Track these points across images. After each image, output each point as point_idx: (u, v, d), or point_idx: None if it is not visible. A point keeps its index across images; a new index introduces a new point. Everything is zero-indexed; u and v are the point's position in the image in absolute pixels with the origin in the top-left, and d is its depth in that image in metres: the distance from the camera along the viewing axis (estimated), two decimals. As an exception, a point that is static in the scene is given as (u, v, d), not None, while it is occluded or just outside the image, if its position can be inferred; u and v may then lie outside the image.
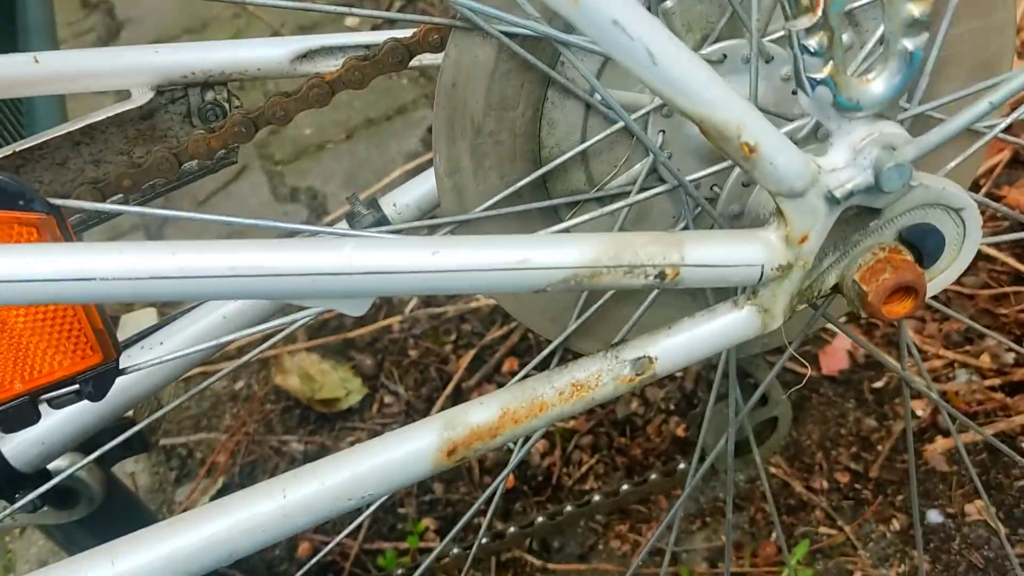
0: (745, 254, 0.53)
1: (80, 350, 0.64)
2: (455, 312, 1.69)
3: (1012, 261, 1.47)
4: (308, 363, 1.64)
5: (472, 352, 1.63)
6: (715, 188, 0.72)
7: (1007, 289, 1.45)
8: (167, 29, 2.49)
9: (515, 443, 1.43)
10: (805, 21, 0.48)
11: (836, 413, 1.43)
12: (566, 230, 0.78)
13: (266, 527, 0.62)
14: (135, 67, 0.73)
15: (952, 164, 0.65)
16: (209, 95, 0.76)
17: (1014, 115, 0.65)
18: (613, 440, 1.47)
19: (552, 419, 0.59)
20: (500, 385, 1.61)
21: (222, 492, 1.54)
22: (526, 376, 0.64)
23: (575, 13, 0.46)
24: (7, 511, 0.77)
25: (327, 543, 1.45)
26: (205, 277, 0.50)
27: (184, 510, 1.54)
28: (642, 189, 0.77)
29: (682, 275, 0.53)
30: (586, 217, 0.71)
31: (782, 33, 0.74)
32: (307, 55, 0.76)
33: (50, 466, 0.86)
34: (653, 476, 0.98)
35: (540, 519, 0.99)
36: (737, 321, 0.57)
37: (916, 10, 0.48)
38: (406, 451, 0.60)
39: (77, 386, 0.65)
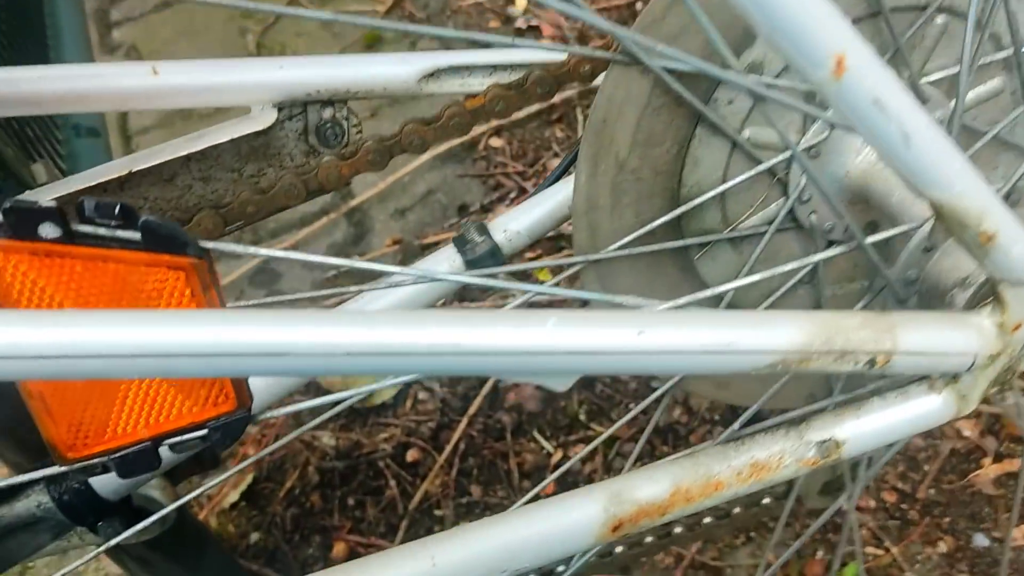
0: (959, 342, 0.51)
1: (214, 397, 0.60)
2: (490, 305, 1.66)
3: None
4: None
5: (510, 350, 1.59)
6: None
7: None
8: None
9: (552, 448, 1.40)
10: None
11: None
12: (695, 269, 0.75)
13: (410, 594, 0.58)
14: (258, 83, 0.68)
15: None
16: (327, 112, 0.72)
17: None
18: (655, 448, 1.45)
19: (725, 499, 0.56)
20: (539, 387, 1.58)
21: (252, 487, 1.50)
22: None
23: (834, 87, 0.42)
24: (104, 547, 0.73)
25: (363, 544, 1.44)
26: (405, 354, 0.46)
27: (214, 505, 1.50)
28: (777, 231, 0.74)
29: (893, 362, 0.50)
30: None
31: (942, 75, 0.71)
32: (435, 74, 0.71)
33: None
34: (736, 510, 0.95)
35: (619, 549, 0.96)
36: (933, 407, 0.54)
37: None
38: (568, 522, 0.57)
39: (205, 432, 0.61)
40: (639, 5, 2.09)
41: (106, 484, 0.77)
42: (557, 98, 1.96)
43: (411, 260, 1.75)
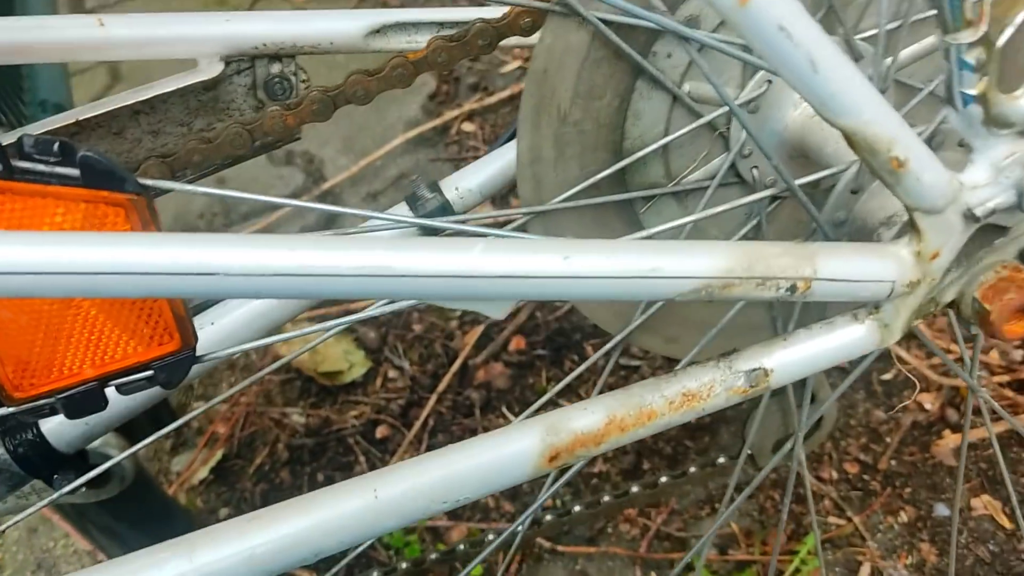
0: (877, 269, 0.52)
1: (158, 336, 0.61)
2: (461, 287, 1.67)
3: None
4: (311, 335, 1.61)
5: (479, 329, 1.61)
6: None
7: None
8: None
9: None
10: (967, 35, 0.46)
11: (846, 404, 1.44)
12: (640, 223, 0.76)
13: (354, 527, 0.59)
14: (205, 36, 0.69)
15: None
16: (276, 67, 0.73)
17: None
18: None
19: (659, 428, 0.57)
20: (507, 364, 1.59)
21: (222, 463, 1.51)
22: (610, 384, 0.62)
23: (739, 14, 0.44)
24: (56, 495, 0.74)
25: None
26: (331, 276, 0.47)
27: (183, 481, 1.51)
28: (719, 185, 0.75)
29: (813, 288, 0.52)
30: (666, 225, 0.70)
31: (872, 32, 0.73)
32: (381, 30, 0.73)
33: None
34: (692, 469, 0.97)
35: (577, 508, 0.98)
36: (856, 336, 0.56)
37: (1079, 29, 0.47)
38: (506, 454, 0.58)
39: (151, 372, 0.62)
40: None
41: (60, 436, 0.78)
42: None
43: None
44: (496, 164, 0.81)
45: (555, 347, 1.58)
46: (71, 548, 1.49)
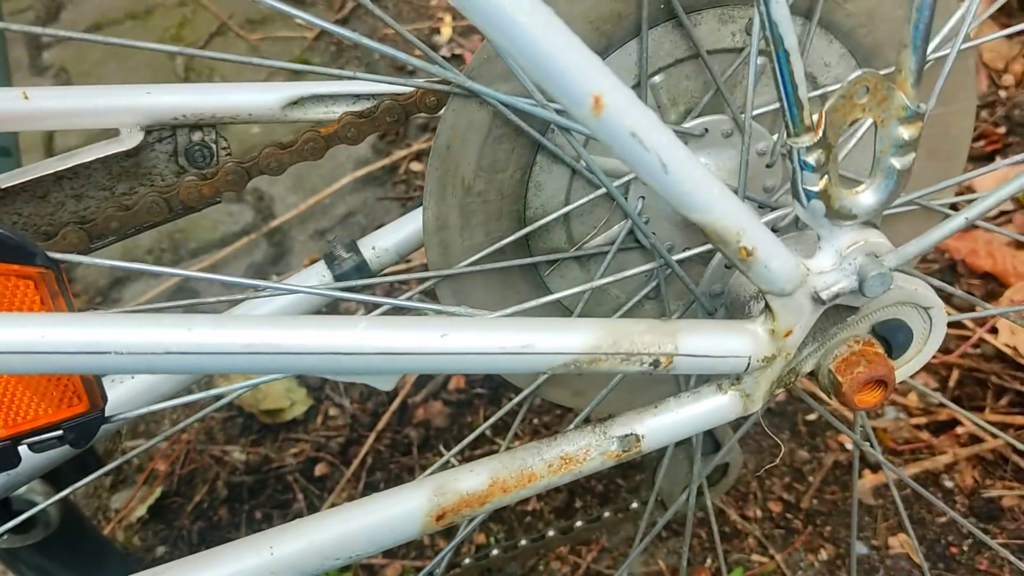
0: (734, 346, 0.57)
1: (67, 399, 0.64)
2: (403, 326, 1.70)
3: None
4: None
5: (420, 368, 1.64)
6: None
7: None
8: (108, 13, 2.42)
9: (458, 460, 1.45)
10: (806, 139, 0.51)
11: (771, 444, 1.49)
12: (544, 285, 0.80)
13: (251, 583, 0.62)
14: (126, 107, 0.72)
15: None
16: (197, 135, 0.76)
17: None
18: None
19: (540, 489, 0.61)
20: (447, 403, 1.63)
21: (160, 501, 1.53)
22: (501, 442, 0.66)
23: (595, 123, 0.48)
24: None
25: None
26: (221, 353, 0.50)
27: (121, 518, 1.52)
28: (621, 250, 0.80)
29: (675, 363, 0.56)
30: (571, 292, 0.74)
31: (763, 110, 0.78)
32: (299, 102, 0.77)
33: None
34: (607, 514, 1.01)
35: (495, 552, 1.01)
36: (721, 405, 0.60)
37: (906, 133, 0.52)
38: (395, 513, 0.62)
39: (60, 432, 0.65)
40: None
41: (-19, 486, 0.81)
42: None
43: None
44: (410, 226, 0.85)
45: (493, 386, 1.61)
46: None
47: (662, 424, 0.60)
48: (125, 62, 2.28)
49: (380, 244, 0.85)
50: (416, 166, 2.00)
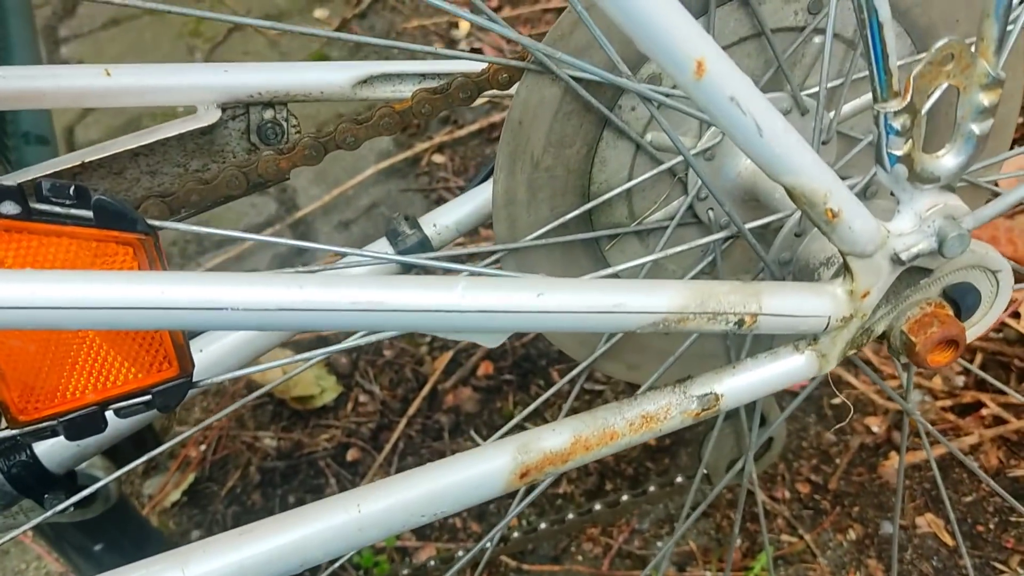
0: (814, 306, 0.59)
1: (157, 363, 0.66)
2: (430, 314, 1.72)
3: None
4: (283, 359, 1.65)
5: (448, 355, 1.66)
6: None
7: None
8: (126, 8, 2.43)
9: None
10: (894, 104, 0.53)
11: (798, 427, 1.51)
12: (605, 259, 0.83)
13: (339, 539, 0.64)
14: (204, 85, 0.74)
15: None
16: (268, 114, 0.78)
17: None
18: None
19: (621, 447, 0.63)
20: (476, 389, 1.65)
21: (194, 486, 1.54)
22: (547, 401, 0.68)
23: (695, 86, 0.50)
24: (43, 517, 0.78)
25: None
26: (329, 310, 0.52)
27: (155, 504, 1.54)
28: (678, 225, 0.82)
29: (759, 323, 0.58)
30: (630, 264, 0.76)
31: (815, 89, 0.80)
32: (368, 80, 0.79)
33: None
34: (652, 488, 1.03)
35: (543, 525, 1.03)
36: (797, 364, 0.62)
37: (986, 100, 0.54)
38: (481, 471, 0.64)
39: (149, 397, 0.67)
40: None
41: (52, 457, 0.82)
42: (496, 116, 2.04)
43: (354, 270, 1.81)
44: (472, 203, 0.87)
45: (522, 372, 1.63)
46: (43, 570, 1.51)
47: (740, 383, 0.62)
48: (143, 57, 2.29)
49: (441, 221, 0.87)
50: (438, 158, 2.02)
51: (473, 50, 2.18)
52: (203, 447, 1.58)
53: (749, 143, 0.53)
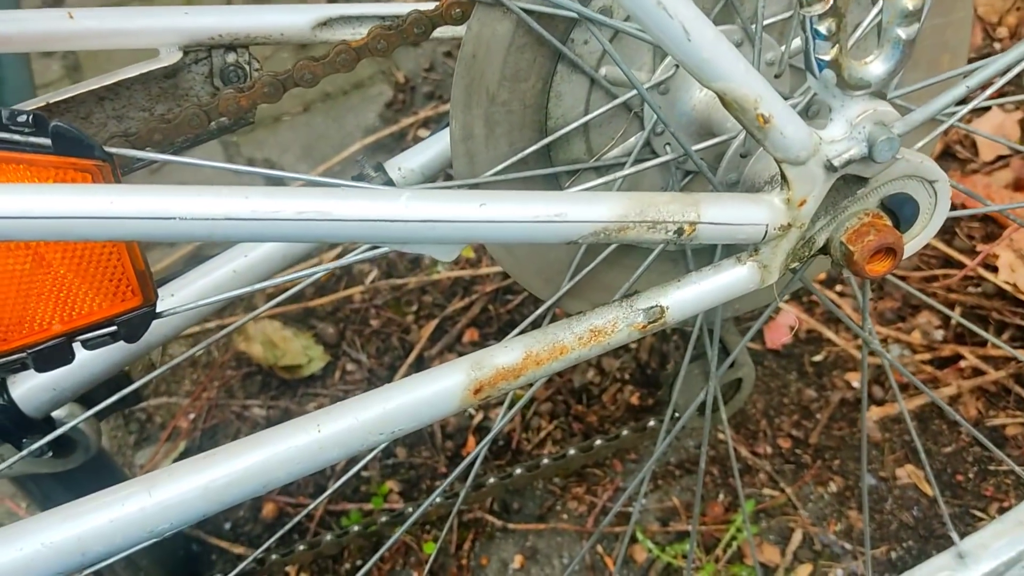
0: (752, 214, 0.60)
1: (121, 292, 0.67)
2: (416, 284, 1.74)
3: (941, 246, 1.59)
4: (271, 330, 1.67)
5: (434, 323, 1.68)
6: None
7: (936, 271, 1.57)
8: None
9: (474, 410, 1.49)
10: (818, 8, 0.55)
11: (779, 384, 1.53)
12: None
13: (301, 459, 0.66)
14: (166, 27, 0.76)
15: (918, 146, 0.73)
16: (231, 57, 0.80)
17: (970, 105, 0.74)
18: (571, 407, 1.54)
19: (571, 362, 0.65)
20: (461, 354, 1.66)
21: (184, 456, 1.56)
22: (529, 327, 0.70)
23: (622, -8, 0.52)
24: (18, 456, 0.80)
25: (292, 504, 1.50)
26: (275, 220, 0.54)
27: (145, 472, 1.56)
28: (636, 161, 0.83)
29: (698, 231, 0.60)
30: (587, 185, 0.78)
31: (770, 21, 0.82)
32: (328, 23, 0.80)
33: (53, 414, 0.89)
34: (625, 432, 1.04)
35: (518, 471, 1.05)
36: (740, 275, 0.64)
37: (911, 3, 0.56)
38: (436, 389, 0.65)
39: (115, 328, 0.68)
40: None
41: (29, 400, 0.84)
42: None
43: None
44: (435, 147, 0.89)
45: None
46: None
47: (685, 296, 0.64)
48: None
49: (406, 165, 0.89)
50: (423, 133, 2.04)
51: None
52: (192, 416, 1.60)
53: (679, 48, 0.54)
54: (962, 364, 1.47)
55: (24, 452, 0.81)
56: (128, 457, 1.60)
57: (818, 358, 1.55)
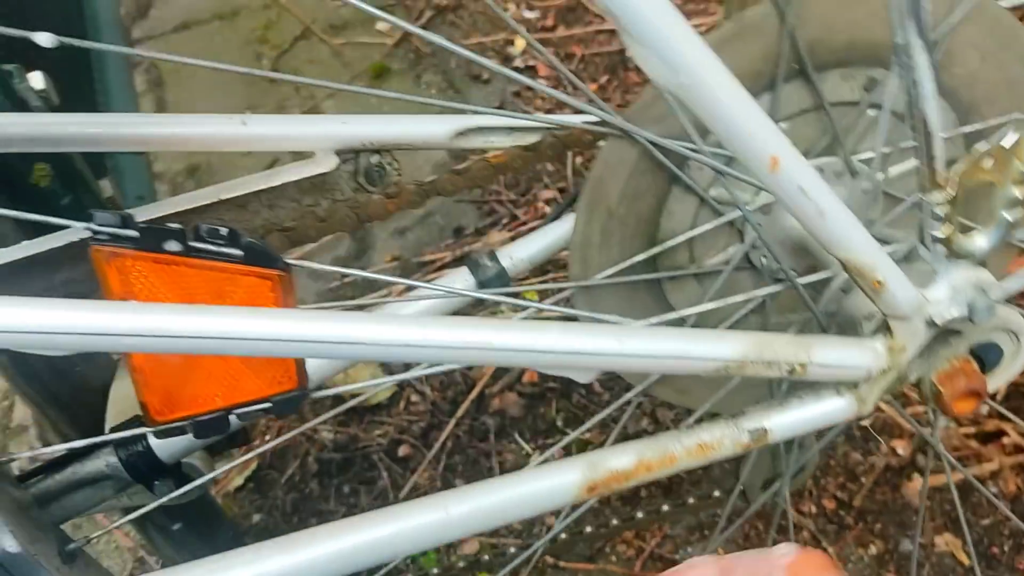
0: (858, 359, 0.68)
1: (280, 377, 0.76)
2: (480, 321, 1.82)
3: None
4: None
5: (496, 361, 1.76)
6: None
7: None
8: (196, 13, 2.54)
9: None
10: (938, 197, 0.62)
11: (827, 447, 1.60)
12: (664, 296, 0.92)
13: (428, 535, 0.74)
14: (325, 134, 0.84)
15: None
16: (375, 158, 0.88)
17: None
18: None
19: (677, 470, 0.73)
20: (521, 394, 1.74)
21: (255, 474, 1.65)
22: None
23: (770, 178, 0.60)
24: (159, 501, 0.88)
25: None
26: (442, 348, 0.62)
27: (219, 488, 1.65)
28: (734, 269, 0.91)
29: (808, 371, 0.67)
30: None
31: (869, 155, 0.89)
32: (465, 132, 0.88)
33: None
34: (691, 500, 1.12)
35: (614, 522, 1.13)
36: (838, 406, 0.72)
37: (1019, 192, 0.63)
38: (555, 483, 0.73)
39: (269, 404, 0.77)
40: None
41: (164, 448, 0.93)
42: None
43: (409, 275, 1.91)
44: (545, 240, 0.97)
45: (565, 381, 1.73)
46: (112, 544, 1.63)
47: (787, 420, 0.72)
48: (214, 59, 2.40)
49: (516, 255, 0.97)
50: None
51: (528, 67, 2.27)
52: (267, 437, 1.70)
53: (813, 224, 0.62)
54: (1004, 440, 1.54)
55: (163, 499, 0.90)
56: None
57: (865, 423, 1.62)
